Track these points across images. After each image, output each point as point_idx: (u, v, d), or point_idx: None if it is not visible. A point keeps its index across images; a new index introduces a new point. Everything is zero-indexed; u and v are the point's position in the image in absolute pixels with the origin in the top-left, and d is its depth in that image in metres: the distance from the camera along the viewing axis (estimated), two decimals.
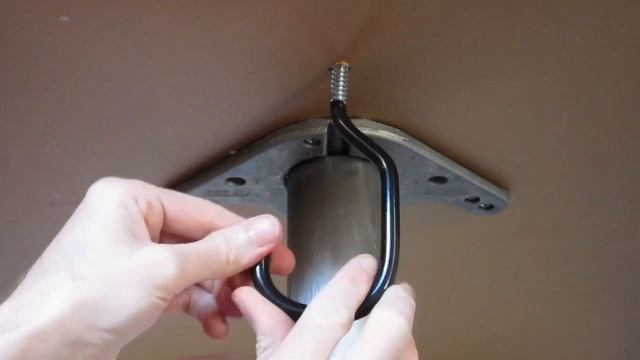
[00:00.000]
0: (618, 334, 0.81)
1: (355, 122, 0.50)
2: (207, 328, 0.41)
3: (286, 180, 0.54)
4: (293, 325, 0.36)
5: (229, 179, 0.55)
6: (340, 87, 0.46)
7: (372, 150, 0.44)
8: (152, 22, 0.43)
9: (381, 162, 0.43)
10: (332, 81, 0.46)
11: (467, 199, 0.57)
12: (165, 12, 0.43)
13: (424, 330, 0.39)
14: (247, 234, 0.39)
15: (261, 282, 0.39)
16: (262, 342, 0.38)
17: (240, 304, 0.39)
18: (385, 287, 0.38)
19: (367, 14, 0.43)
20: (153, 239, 0.37)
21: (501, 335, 0.83)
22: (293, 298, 0.46)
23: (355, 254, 0.46)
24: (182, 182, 0.57)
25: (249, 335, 0.39)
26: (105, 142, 0.53)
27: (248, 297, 0.39)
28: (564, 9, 0.43)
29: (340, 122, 0.46)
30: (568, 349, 0.85)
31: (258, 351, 0.38)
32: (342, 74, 0.46)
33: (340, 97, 0.46)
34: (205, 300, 0.42)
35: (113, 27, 0.43)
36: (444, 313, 0.77)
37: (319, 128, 0.50)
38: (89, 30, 0.43)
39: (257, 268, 0.39)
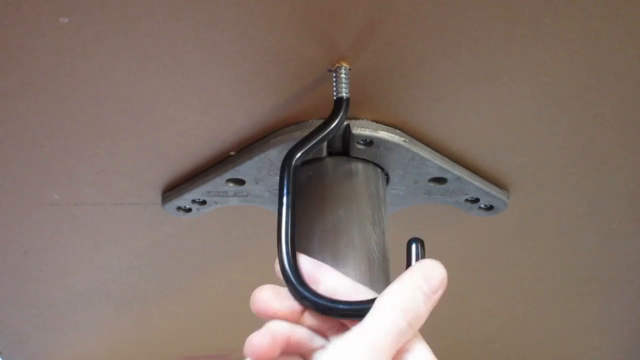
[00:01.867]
0: (618, 334, 0.81)
1: (355, 122, 0.51)
2: None
3: None
4: None
5: (229, 180, 0.55)
6: (344, 87, 0.46)
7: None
8: (151, 23, 0.43)
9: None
10: (334, 82, 0.46)
11: (467, 200, 0.57)
12: (165, 13, 0.43)
13: (424, 330, 0.39)
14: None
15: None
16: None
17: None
18: None
19: (367, 15, 0.43)
20: None
21: (501, 335, 0.83)
22: None
23: (355, 256, 0.46)
24: (182, 182, 0.57)
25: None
26: (105, 143, 0.53)
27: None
28: (564, 10, 0.43)
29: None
30: (568, 349, 0.85)
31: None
32: (343, 75, 0.46)
33: (344, 95, 0.46)
34: None
35: (113, 29, 0.43)
36: (444, 313, 0.77)
37: None
38: (89, 31, 0.43)
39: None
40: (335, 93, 0.46)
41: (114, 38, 0.44)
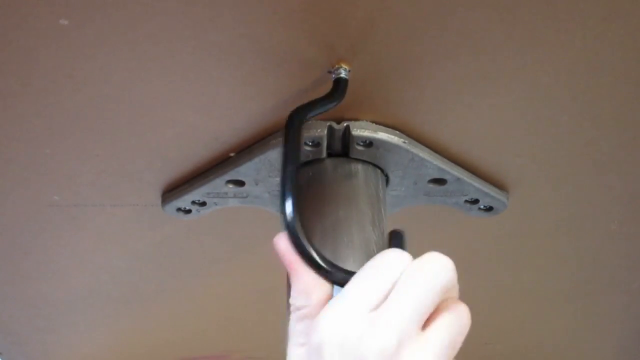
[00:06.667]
0: (617, 334, 0.81)
1: (354, 124, 0.51)
2: None
3: None
4: (329, 291, 0.39)
5: (229, 181, 0.55)
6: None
7: None
8: (151, 24, 0.43)
9: None
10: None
11: (466, 201, 0.57)
12: (165, 14, 0.43)
13: None
14: None
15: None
16: (296, 300, 0.39)
17: (284, 256, 0.40)
18: None
19: (367, 16, 0.43)
20: None
21: (501, 335, 0.83)
22: None
23: (354, 256, 0.46)
24: (182, 184, 0.57)
25: (250, 335, 0.40)
26: (105, 144, 0.53)
27: (291, 249, 0.40)
28: (564, 11, 0.43)
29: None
30: (567, 349, 0.85)
31: (292, 308, 0.39)
32: (342, 76, 0.46)
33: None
34: None
35: (112, 30, 0.43)
36: None
37: (319, 130, 0.50)
38: (89, 33, 0.44)
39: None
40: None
41: (114, 39, 0.44)
